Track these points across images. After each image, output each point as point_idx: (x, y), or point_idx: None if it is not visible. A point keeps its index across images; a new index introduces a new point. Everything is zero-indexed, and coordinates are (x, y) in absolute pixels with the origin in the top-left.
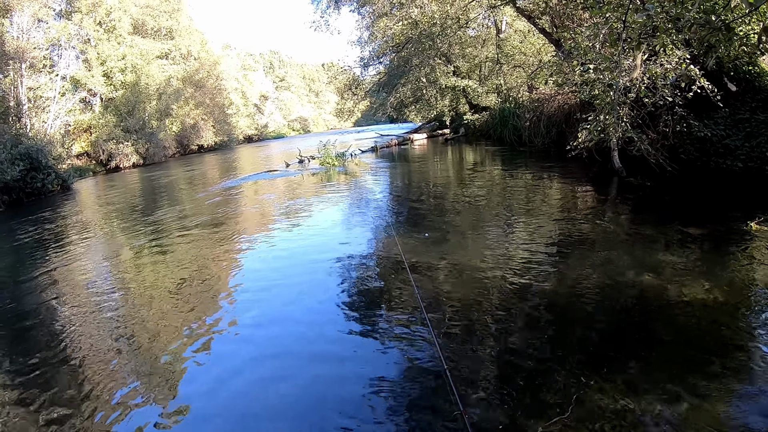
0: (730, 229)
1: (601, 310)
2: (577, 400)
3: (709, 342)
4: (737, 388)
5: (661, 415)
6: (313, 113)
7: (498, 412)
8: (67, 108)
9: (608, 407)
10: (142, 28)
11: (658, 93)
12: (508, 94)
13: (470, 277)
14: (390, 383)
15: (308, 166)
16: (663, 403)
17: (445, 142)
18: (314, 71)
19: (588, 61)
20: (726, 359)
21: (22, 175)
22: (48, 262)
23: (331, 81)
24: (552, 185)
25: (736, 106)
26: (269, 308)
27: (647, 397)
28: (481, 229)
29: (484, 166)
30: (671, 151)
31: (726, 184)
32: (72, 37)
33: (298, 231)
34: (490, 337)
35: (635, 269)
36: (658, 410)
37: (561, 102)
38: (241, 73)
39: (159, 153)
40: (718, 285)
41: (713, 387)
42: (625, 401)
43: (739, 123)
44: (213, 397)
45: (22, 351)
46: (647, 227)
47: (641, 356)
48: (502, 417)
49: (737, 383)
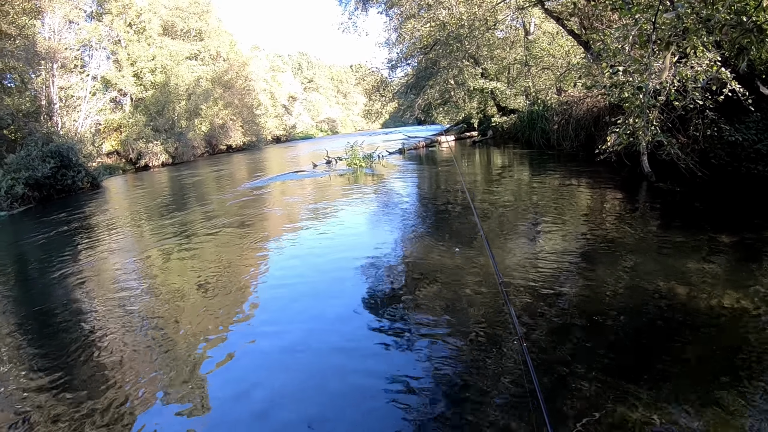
0: (762, 237)
1: (628, 317)
2: (599, 409)
3: (738, 354)
4: (760, 401)
5: (686, 428)
6: (341, 114)
7: (519, 418)
8: (98, 107)
9: (631, 417)
10: (171, 29)
11: (688, 96)
12: (537, 96)
13: (494, 282)
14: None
15: (335, 167)
16: (688, 415)
17: (473, 145)
18: (342, 72)
19: (617, 63)
20: (755, 373)
21: (52, 172)
22: (76, 258)
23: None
24: (580, 189)
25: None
26: (295, 309)
27: (672, 408)
28: (508, 233)
29: (511, 169)
30: (701, 156)
31: (758, 190)
32: (102, 38)
33: (324, 233)
34: (514, 342)
35: (664, 276)
36: (683, 423)
37: (590, 105)
38: (269, 74)
39: (188, 152)
40: (749, 295)
41: (740, 402)
42: (649, 412)
43: None
44: (238, 399)
45: (48, 346)
46: (677, 233)
47: (667, 366)
48: (522, 424)
49: (760, 397)
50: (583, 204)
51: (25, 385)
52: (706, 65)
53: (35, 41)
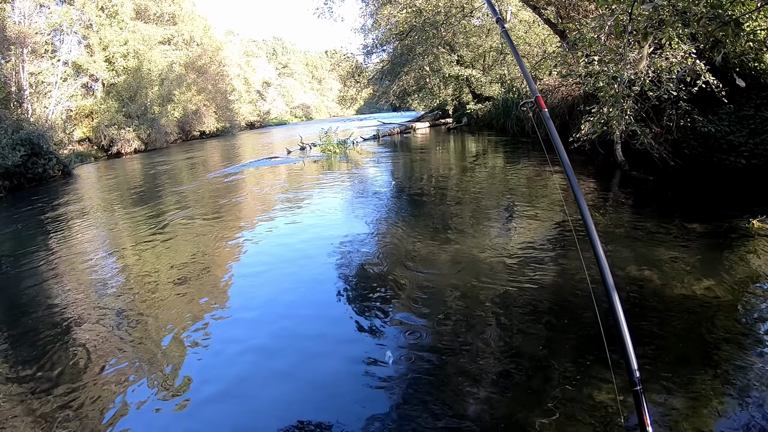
0: (733, 226)
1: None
2: (574, 396)
3: (710, 339)
4: (738, 385)
5: (659, 412)
6: (315, 100)
7: (496, 406)
8: (69, 93)
9: (605, 404)
10: (144, 13)
11: (662, 87)
12: (512, 84)
13: (470, 268)
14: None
15: (309, 153)
16: (661, 400)
17: (448, 132)
18: (317, 58)
19: (593, 53)
20: (726, 357)
21: (23, 161)
22: (48, 249)
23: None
24: (554, 176)
25: (741, 103)
26: (269, 295)
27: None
28: (481, 220)
29: (486, 155)
30: (675, 146)
31: (729, 181)
32: (74, 22)
33: (299, 219)
34: (487, 329)
35: (636, 264)
36: (655, 408)
37: (564, 93)
38: (243, 60)
39: (161, 139)
40: (719, 282)
41: (712, 384)
42: (622, 397)
43: (743, 119)
44: (215, 383)
45: (21, 337)
46: (649, 221)
47: (640, 352)
48: (500, 412)
49: (738, 381)
50: (557, 191)
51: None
52: (681, 57)
53: (5, 26)
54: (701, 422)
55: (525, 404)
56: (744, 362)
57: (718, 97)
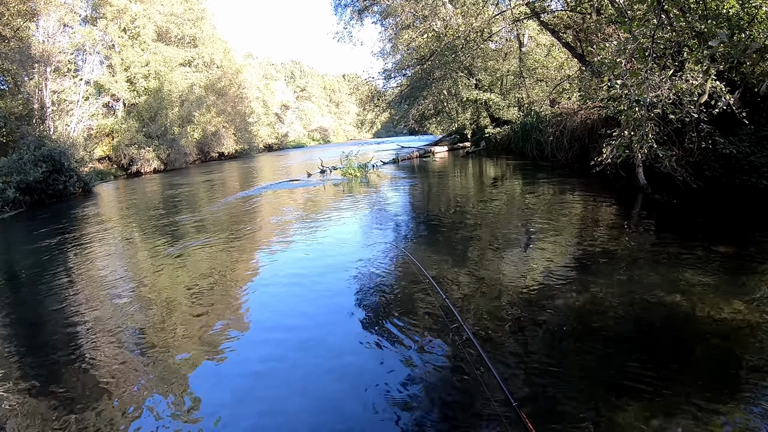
0: (758, 248)
1: (626, 329)
2: (600, 421)
3: (738, 364)
4: (760, 412)
5: None
6: (333, 123)
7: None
8: (90, 112)
9: (631, 428)
10: (166, 35)
11: (684, 109)
12: (530, 107)
13: (490, 293)
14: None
15: (330, 176)
16: (684, 425)
17: (466, 155)
18: (335, 82)
19: (615, 77)
20: (751, 382)
21: (44, 177)
22: (67, 264)
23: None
24: (575, 201)
25: (761, 123)
26: (285, 317)
27: (673, 419)
28: (502, 245)
29: (505, 179)
30: (696, 168)
31: (751, 202)
32: (97, 42)
33: (318, 242)
34: (509, 353)
35: (661, 288)
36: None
37: (584, 117)
38: (262, 82)
39: (180, 159)
40: (747, 305)
41: (735, 411)
42: (650, 423)
43: (764, 140)
44: (229, 404)
45: (39, 352)
46: (673, 245)
47: (667, 377)
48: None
49: (761, 407)
50: (579, 215)
51: (11, 394)
52: (702, 79)
53: (29, 44)
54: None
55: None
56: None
57: (738, 118)
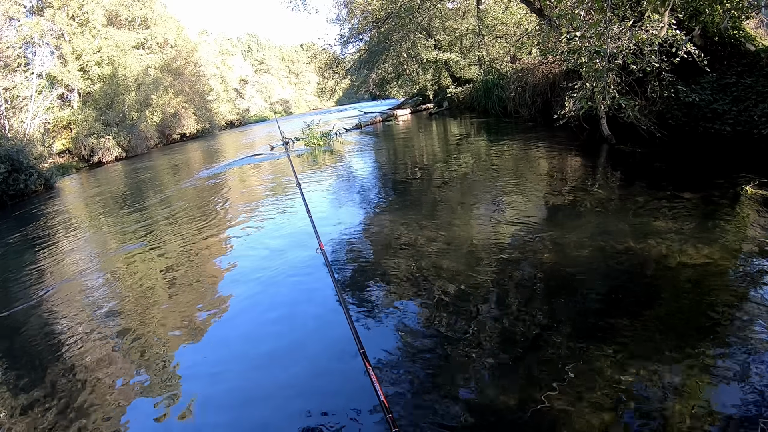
0: (723, 193)
1: (595, 278)
2: (574, 370)
3: (706, 307)
4: (735, 352)
5: (658, 382)
6: (294, 95)
7: (493, 384)
8: (45, 106)
9: (605, 376)
10: (116, 19)
11: (644, 59)
12: (491, 65)
13: (461, 250)
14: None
15: (293, 147)
16: (660, 369)
17: (430, 117)
18: (293, 52)
19: (574, 29)
20: (723, 323)
21: (3, 178)
22: (36, 263)
23: (311, 61)
24: (540, 155)
25: (723, 71)
26: (259, 294)
27: (644, 364)
28: (470, 202)
29: (470, 138)
30: (659, 117)
31: (715, 149)
32: (45, 33)
33: (287, 214)
34: (483, 309)
35: (629, 236)
36: (655, 377)
37: (545, 71)
38: (219, 59)
39: (141, 144)
40: (714, 249)
41: (710, 352)
42: (622, 369)
43: (725, 87)
44: (209, 385)
45: (14, 351)
46: (640, 194)
47: (637, 323)
48: (498, 389)
49: (735, 347)
50: (545, 169)
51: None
52: (661, 28)
53: None
54: (699, 390)
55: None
56: (742, 328)
57: (700, 67)
